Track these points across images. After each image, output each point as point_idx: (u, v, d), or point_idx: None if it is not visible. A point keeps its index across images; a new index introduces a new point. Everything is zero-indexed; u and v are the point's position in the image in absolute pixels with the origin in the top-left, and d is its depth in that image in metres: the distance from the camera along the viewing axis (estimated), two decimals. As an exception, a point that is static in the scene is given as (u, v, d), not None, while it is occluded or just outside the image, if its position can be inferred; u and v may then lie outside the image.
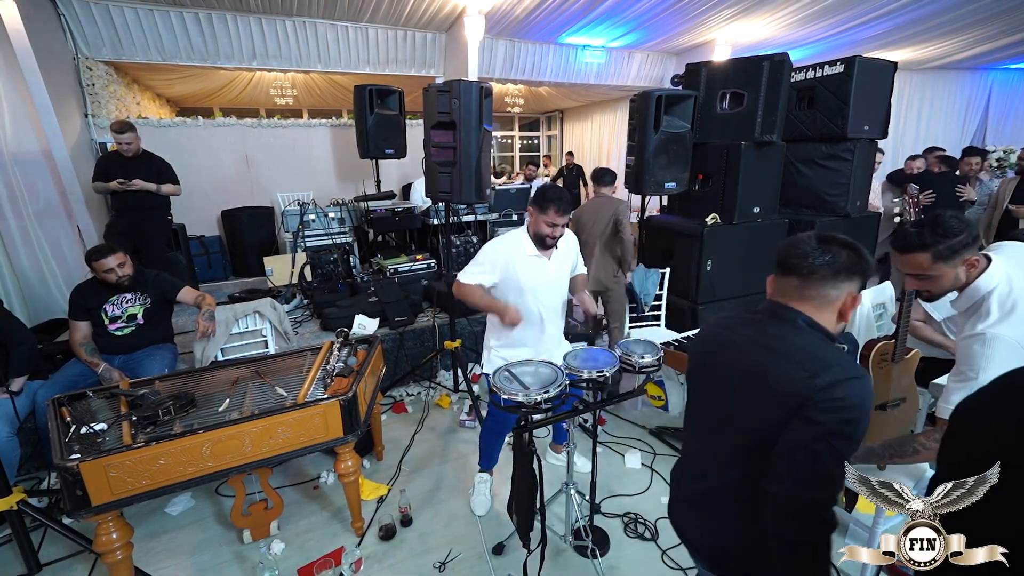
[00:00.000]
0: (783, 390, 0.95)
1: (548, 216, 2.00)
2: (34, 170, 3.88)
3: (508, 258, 2.08)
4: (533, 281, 2.11)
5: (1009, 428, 0.72)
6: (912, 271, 1.41)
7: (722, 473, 1.10)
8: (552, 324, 2.23)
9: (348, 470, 2.10)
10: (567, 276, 2.26)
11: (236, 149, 5.42)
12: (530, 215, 2.08)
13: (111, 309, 2.59)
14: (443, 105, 2.79)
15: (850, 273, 1.00)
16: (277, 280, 4.46)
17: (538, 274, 2.12)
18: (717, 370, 1.12)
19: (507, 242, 2.12)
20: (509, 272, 2.09)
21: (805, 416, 0.92)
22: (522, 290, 2.11)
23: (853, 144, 3.56)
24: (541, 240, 2.07)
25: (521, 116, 10.91)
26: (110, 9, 4.50)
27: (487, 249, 2.12)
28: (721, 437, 1.10)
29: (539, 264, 2.11)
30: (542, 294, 2.14)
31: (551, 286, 2.17)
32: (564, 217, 2.03)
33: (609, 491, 2.45)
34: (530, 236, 2.11)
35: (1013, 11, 4.97)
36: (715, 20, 5.52)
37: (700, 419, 1.20)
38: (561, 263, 2.19)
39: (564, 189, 2.18)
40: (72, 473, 1.58)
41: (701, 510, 1.16)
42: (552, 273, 2.15)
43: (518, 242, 2.11)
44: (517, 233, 2.15)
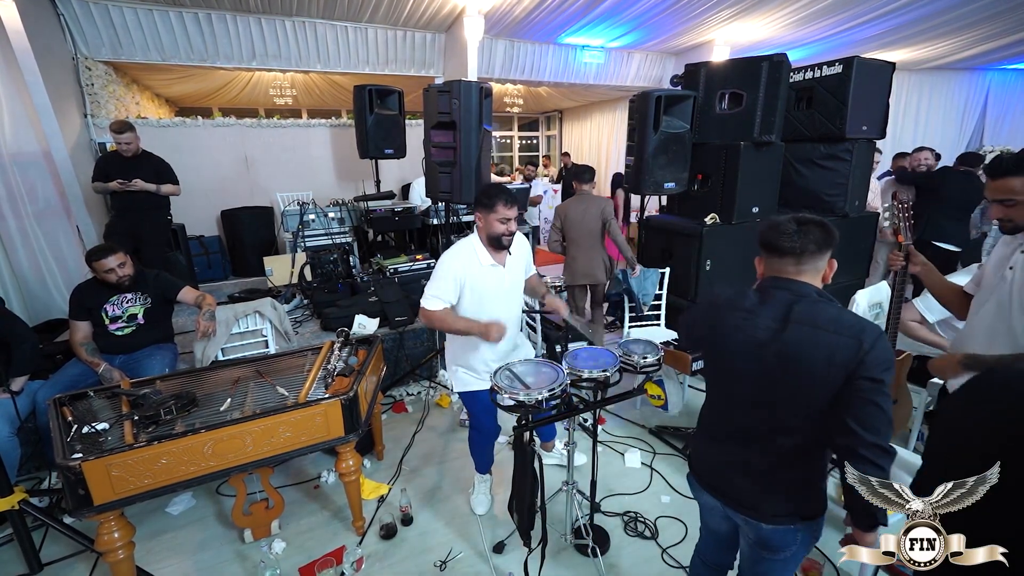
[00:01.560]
0: (839, 359, 1.10)
1: (498, 212, 1.91)
2: (33, 170, 3.88)
3: (465, 271, 1.98)
4: (492, 292, 2.04)
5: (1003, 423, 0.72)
6: (1002, 196, 1.46)
7: (778, 439, 1.22)
8: (513, 331, 2.18)
9: (349, 469, 2.11)
10: (522, 281, 2.21)
11: (235, 149, 5.42)
12: (479, 220, 1.98)
13: (111, 309, 2.59)
14: (443, 105, 2.80)
15: (828, 245, 1.20)
16: (277, 280, 4.46)
17: (496, 284, 2.05)
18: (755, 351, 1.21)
19: (461, 255, 2.00)
20: (467, 286, 2.00)
21: (863, 376, 1.07)
22: (482, 302, 2.03)
23: (851, 144, 3.58)
24: (497, 241, 1.97)
25: (520, 116, 10.91)
26: (109, 9, 4.50)
27: (442, 265, 1.99)
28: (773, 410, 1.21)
29: (496, 274, 2.04)
30: (501, 304, 2.08)
31: (509, 294, 2.11)
32: (514, 208, 1.94)
33: (609, 490, 2.46)
34: (483, 242, 2.01)
35: (1010, 12, 4.98)
36: (714, 20, 5.53)
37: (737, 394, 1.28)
38: (516, 269, 2.13)
39: (498, 184, 2.14)
40: (74, 472, 1.58)
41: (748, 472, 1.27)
42: (509, 282, 2.09)
43: (471, 252, 2.01)
44: (468, 243, 2.03)
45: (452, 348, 2.21)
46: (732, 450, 1.30)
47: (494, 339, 1.94)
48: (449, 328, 2.03)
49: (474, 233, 2.05)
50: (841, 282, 3.87)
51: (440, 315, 1.98)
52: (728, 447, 1.31)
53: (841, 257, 4.14)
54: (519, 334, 2.32)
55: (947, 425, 0.88)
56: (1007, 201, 1.46)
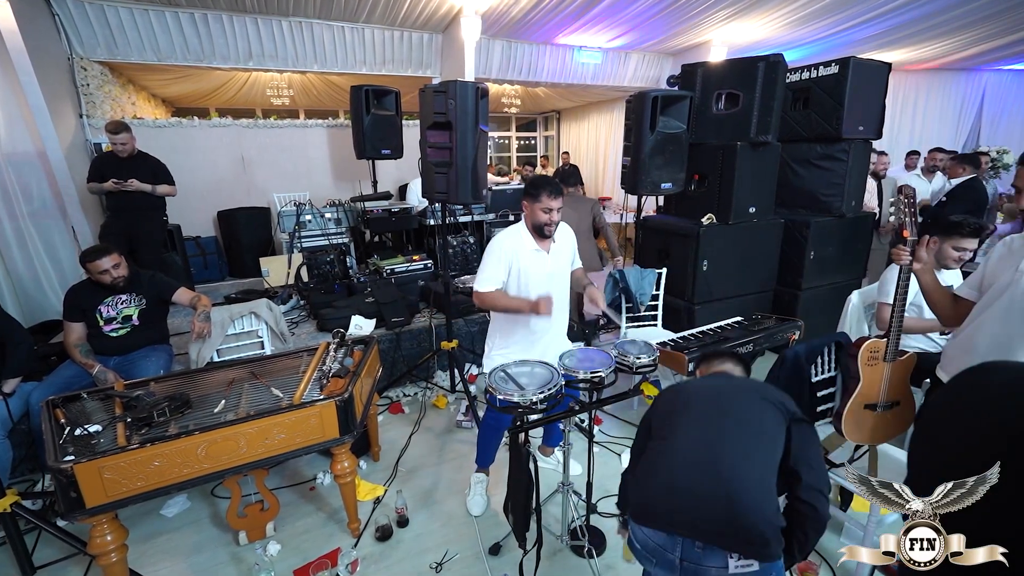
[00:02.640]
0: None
1: (542, 202, 2.04)
2: (28, 171, 3.87)
3: (513, 252, 2.12)
4: (537, 274, 2.15)
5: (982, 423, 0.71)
6: None
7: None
8: (557, 320, 2.24)
9: (344, 471, 2.10)
10: (567, 269, 2.29)
11: (232, 150, 5.41)
12: (525, 208, 2.12)
13: (106, 310, 2.57)
14: (439, 105, 2.78)
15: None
16: (273, 281, 4.45)
17: (540, 267, 2.15)
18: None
19: (509, 237, 2.15)
20: (514, 265, 2.12)
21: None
22: (526, 285, 2.14)
23: (848, 144, 3.58)
24: (540, 229, 2.10)
25: (518, 116, 10.91)
26: (104, 9, 4.48)
27: (493, 247, 2.14)
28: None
29: (540, 258, 2.15)
30: (545, 287, 2.15)
31: (553, 279, 2.20)
32: (558, 200, 2.06)
33: (605, 491, 2.45)
34: (529, 230, 2.15)
35: (1005, 13, 5.00)
36: (711, 21, 5.54)
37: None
38: (560, 256, 2.22)
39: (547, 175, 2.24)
40: (66, 475, 1.57)
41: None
42: (552, 267, 2.19)
43: (519, 236, 2.15)
44: (517, 228, 2.18)
45: (499, 324, 2.27)
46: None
47: (543, 312, 2.02)
48: (502, 307, 2.13)
49: (522, 221, 2.19)
50: (837, 282, 3.87)
51: (491, 297, 2.11)
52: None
53: (837, 257, 4.11)
54: (563, 330, 2.34)
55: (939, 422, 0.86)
56: None
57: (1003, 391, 0.78)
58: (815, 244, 3.65)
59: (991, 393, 0.79)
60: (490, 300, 2.12)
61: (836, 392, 2.14)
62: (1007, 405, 0.76)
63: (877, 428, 1.79)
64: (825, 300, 3.78)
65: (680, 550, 1.22)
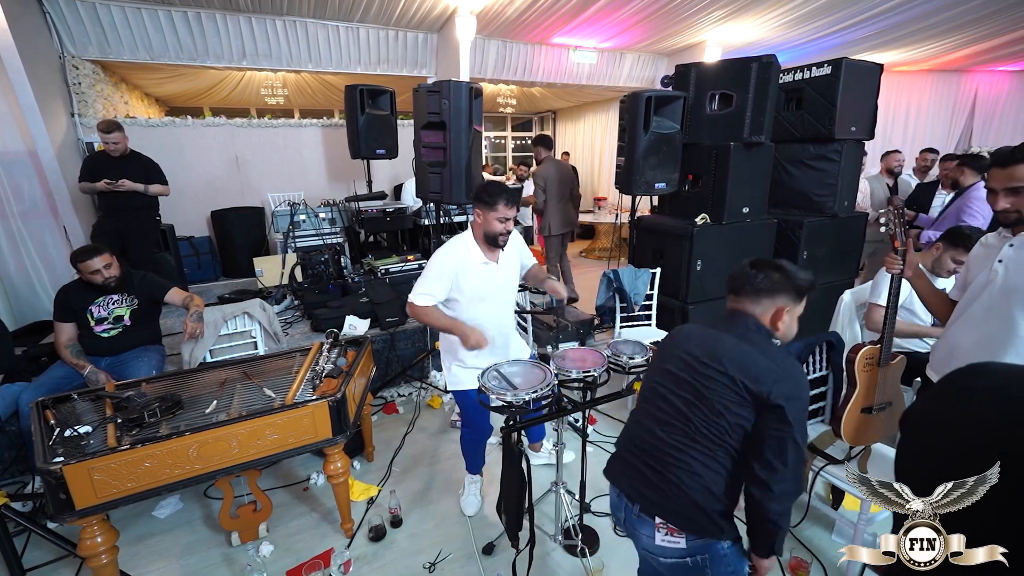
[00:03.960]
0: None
1: (498, 211, 1.91)
2: (19, 170, 3.84)
3: (458, 268, 1.99)
4: (484, 290, 2.05)
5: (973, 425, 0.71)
6: (1009, 184, 1.47)
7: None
8: (508, 329, 2.21)
9: (337, 471, 2.09)
10: (517, 276, 2.21)
11: (226, 149, 5.38)
12: (477, 216, 1.97)
13: (97, 310, 2.56)
14: (433, 105, 2.79)
15: (773, 291, 1.29)
16: (267, 281, 4.43)
17: (488, 282, 2.06)
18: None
19: (454, 251, 2.01)
20: (459, 283, 2.01)
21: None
22: (473, 300, 2.05)
23: (840, 145, 3.60)
24: (494, 240, 1.98)
25: (514, 116, 10.91)
26: (96, 7, 4.45)
27: (435, 261, 2.01)
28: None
29: (488, 271, 2.05)
30: (493, 302, 2.09)
31: (502, 291, 2.12)
32: (514, 208, 1.95)
33: (599, 490, 2.45)
34: (478, 240, 2.02)
35: (997, 15, 5.05)
36: (706, 22, 5.56)
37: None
38: (510, 266, 2.14)
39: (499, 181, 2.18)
40: (55, 476, 1.56)
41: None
42: (502, 279, 2.10)
43: (465, 250, 2.02)
44: (462, 239, 2.04)
45: (448, 340, 2.21)
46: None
47: (470, 346, 1.97)
48: (434, 324, 2.06)
49: (468, 230, 2.05)
50: (830, 281, 3.89)
51: (424, 311, 2.01)
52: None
53: (830, 257, 4.12)
54: (514, 331, 2.32)
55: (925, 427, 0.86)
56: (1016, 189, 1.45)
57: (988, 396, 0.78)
58: (808, 244, 3.67)
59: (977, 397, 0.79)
60: (423, 315, 2.00)
61: (827, 391, 2.16)
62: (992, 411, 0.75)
63: (872, 429, 1.82)
64: (817, 300, 3.77)
65: (624, 512, 1.34)
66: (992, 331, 1.53)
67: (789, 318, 1.32)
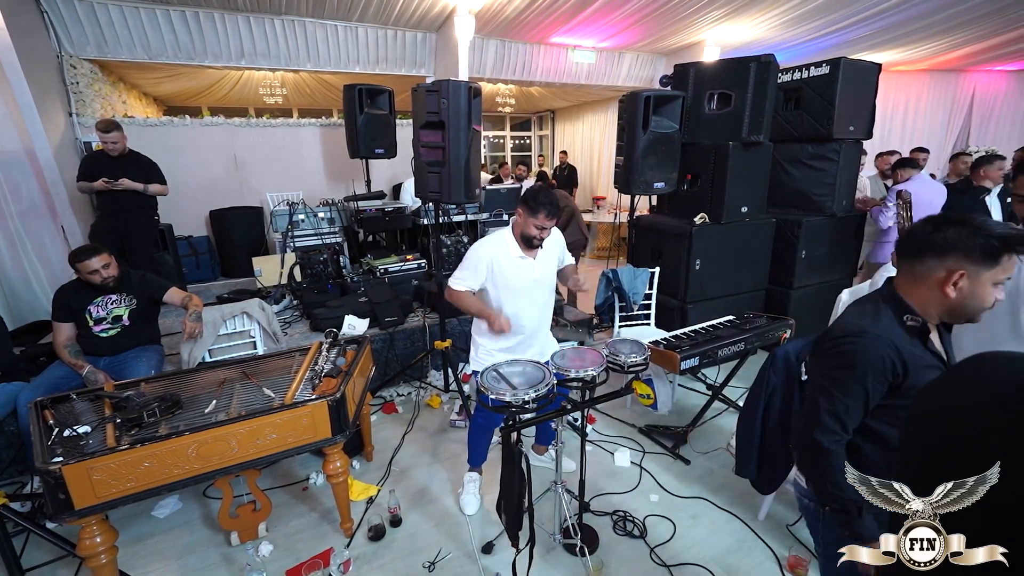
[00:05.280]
0: None
1: (538, 219, 2.01)
2: (17, 170, 3.83)
3: (493, 260, 2.09)
4: (518, 282, 2.13)
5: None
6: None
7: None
8: (540, 323, 2.25)
9: (337, 471, 2.10)
10: (553, 274, 2.28)
11: (224, 149, 5.37)
12: (519, 215, 2.08)
13: (96, 310, 2.55)
14: (432, 105, 2.78)
15: (941, 250, 1.06)
16: (266, 281, 4.42)
17: (523, 275, 2.13)
18: None
19: (492, 244, 2.12)
20: (494, 274, 2.11)
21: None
22: (508, 291, 2.13)
23: (839, 144, 3.61)
24: (528, 241, 2.08)
25: (512, 116, 10.91)
26: (94, 6, 4.44)
27: (473, 252, 2.13)
28: None
29: (524, 265, 2.13)
30: (527, 295, 2.15)
31: (537, 287, 2.18)
32: (553, 220, 2.05)
33: (598, 489, 2.46)
34: (516, 237, 2.12)
35: (994, 15, 5.06)
36: (704, 21, 5.56)
37: None
38: (546, 262, 2.20)
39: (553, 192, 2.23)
40: (54, 476, 1.56)
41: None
42: (537, 274, 2.16)
43: (503, 243, 2.12)
44: (502, 234, 2.15)
45: (478, 325, 2.28)
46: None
47: (496, 329, 2.07)
48: (466, 308, 2.15)
49: (508, 226, 2.16)
50: (828, 280, 3.90)
51: (459, 295, 2.13)
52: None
53: (828, 256, 4.14)
54: (547, 328, 2.36)
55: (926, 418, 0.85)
56: None
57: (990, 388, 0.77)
58: (806, 243, 3.68)
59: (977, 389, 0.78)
60: (457, 298, 2.14)
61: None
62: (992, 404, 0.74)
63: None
64: (816, 299, 3.81)
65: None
66: (993, 328, 1.53)
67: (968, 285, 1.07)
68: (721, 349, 2.58)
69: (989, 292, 1.07)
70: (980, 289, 1.07)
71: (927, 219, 1.12)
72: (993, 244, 1.03)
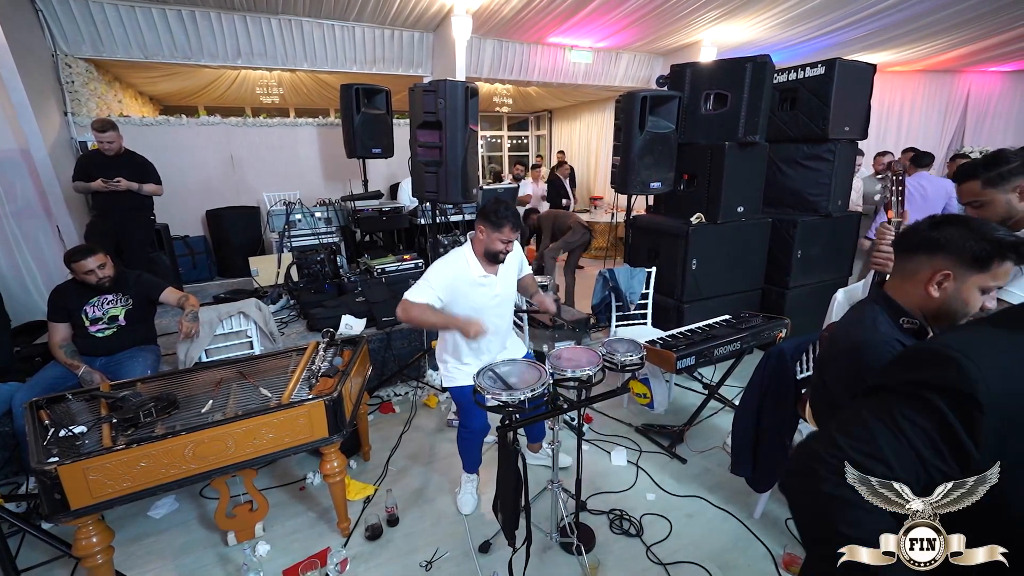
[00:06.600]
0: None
1: (503, 234, 1.98)
2: (12, 169, 3.81)
3: (456, 281, 2.04)
4: (481, 302, 2.10)
5: None
6: (967, 199, 1.51)
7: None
8: (505, 337, 2.27)
9: (334, 471, 2.10)
10: (515, 284, 2.26)
11: (221, 148, 5.36)
12: (479, 232, 2.02)
13: (92, 310, 2.55)
14: (429, 105, 2.79)
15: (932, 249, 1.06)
16: (263, 280, 4.42)
17: (485, 295, 2.10)
18: None
19: (454, 265, 2.06)
20: (457, 296, 2.05)
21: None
22: (471, 311, 2.08)
23: (834, 145, 3.62)
24: (493, 257, 2.05)
25: (510, 116, 10.91)
26: (90, 5, 4.42)
27: (436, 270, 2.04)
28: None
29: (487, 284, 2.10)
30: (490, 312, 2.13)
31: (500, 304, 2.17)
32: (517, 233, 2.02)
33: (595, 488, 2.47)
34: (477, 254, 2.07)
35: (989, 16, 5.08)
36: (701, 22, 5.58)
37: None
38: (508, 278, 2.19)
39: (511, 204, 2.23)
40: (50, 476, 1.56)
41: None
42: (499, 290, 2.14)
43: (464, 264, 2.06)
44: (461, 253, 2.08)
45: (444, 338, 2.25)
46: None
47: (471, 336, 1.99)
48: (428, 323, 2.04)
49: (467, 244, 2.09)
50: (824, 280, 3.92)
51: (419, 309, 1.97)
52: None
53: (824, 256, 4.14)
54: (511, 332, 2.35)
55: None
56: (974, 203, 1.50)
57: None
58: (802, 243, 3.70)
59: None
60: (417, 312, 1.96)
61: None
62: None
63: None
64: (812, 298, 3.83)
65: None
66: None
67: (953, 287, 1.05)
68: (717, 348, 2.59)
69: (975, 297, 1.05)
70: (965, 293, 1.05)
71: (929, 217, 1.12)
72: (984, 248, 1.00)
